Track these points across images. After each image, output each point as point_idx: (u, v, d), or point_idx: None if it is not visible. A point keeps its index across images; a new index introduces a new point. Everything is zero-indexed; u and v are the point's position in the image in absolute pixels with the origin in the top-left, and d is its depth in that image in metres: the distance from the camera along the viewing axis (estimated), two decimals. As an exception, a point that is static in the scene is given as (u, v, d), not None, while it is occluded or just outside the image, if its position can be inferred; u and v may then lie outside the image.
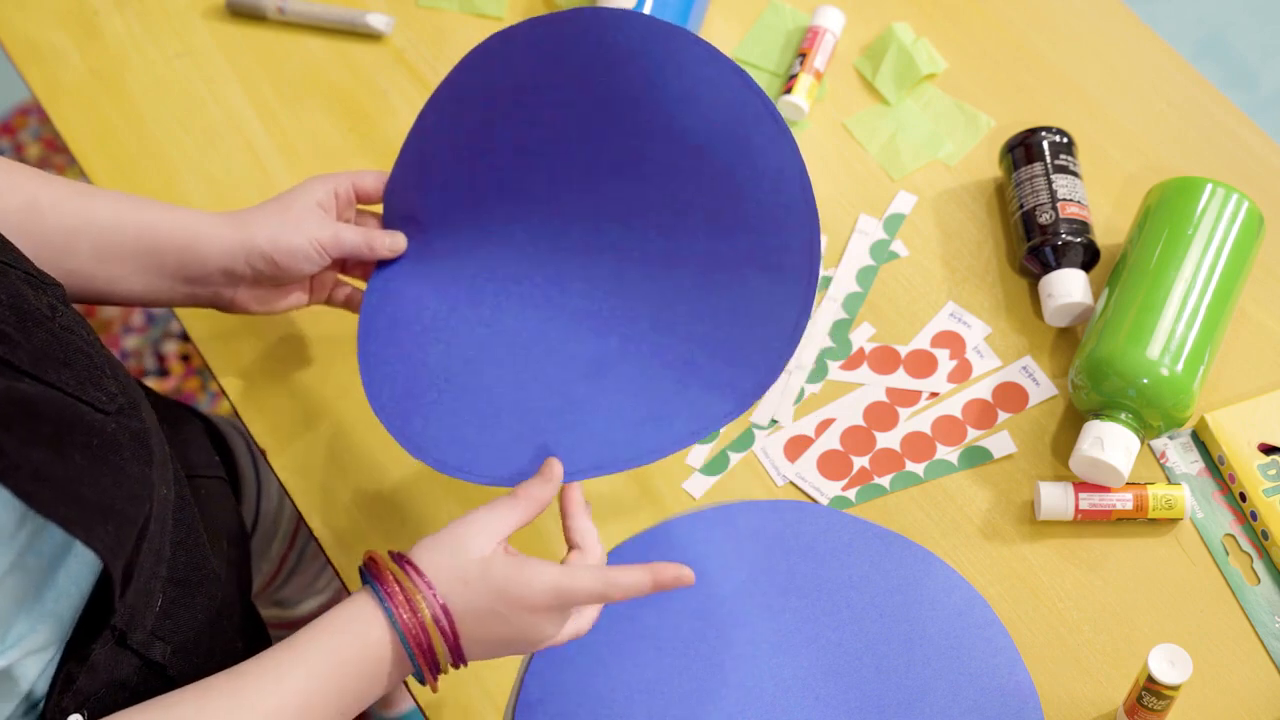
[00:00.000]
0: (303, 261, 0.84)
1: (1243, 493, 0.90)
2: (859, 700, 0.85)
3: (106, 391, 0.69)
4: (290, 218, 0.83)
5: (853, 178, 1.05)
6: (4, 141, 2.03)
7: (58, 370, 0.66)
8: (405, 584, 0.71)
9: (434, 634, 0.71)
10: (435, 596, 0.71)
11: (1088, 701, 0.85)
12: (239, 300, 0.86)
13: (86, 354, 0.70)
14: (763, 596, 0.88)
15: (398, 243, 0.87)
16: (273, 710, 0.67)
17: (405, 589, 0.71)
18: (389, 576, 0.71)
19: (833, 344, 0.98)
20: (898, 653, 0.86)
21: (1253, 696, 0.85)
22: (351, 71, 1.11)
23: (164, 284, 0.84)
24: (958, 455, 0.93)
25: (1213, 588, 0.88)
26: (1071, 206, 0.97)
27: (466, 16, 1.14)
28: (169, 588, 0.75)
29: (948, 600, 0.88)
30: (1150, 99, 1.07)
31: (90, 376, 0.68)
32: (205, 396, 1.83)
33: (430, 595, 0.71)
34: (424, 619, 0.70)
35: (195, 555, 0.79)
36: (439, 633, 0.71)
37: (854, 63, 1.10)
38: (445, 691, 0.87)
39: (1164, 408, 0.89)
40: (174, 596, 0.76)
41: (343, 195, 0.86)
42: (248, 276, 0.84)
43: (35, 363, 0.64)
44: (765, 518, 0.91)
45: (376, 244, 0.86)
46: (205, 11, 1.14)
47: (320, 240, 0.84)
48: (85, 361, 0.69)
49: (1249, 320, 0.97)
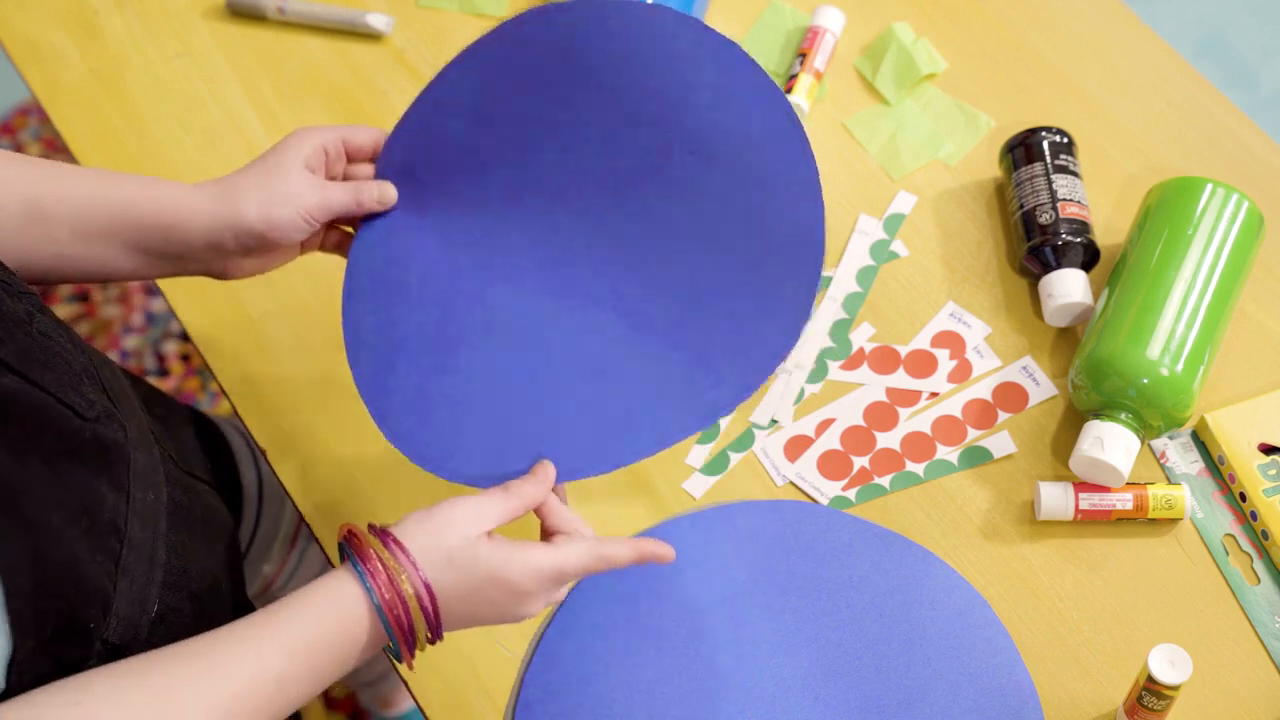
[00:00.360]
0: (291, 232, 0.80)
1: (1243, 493, 0.90)
2: (859, 700, 0.85)
3: (85, 398, 0.69)
4: (276, 185, 0.80)
5: (853, 178, 1.05)
6: (4, 141, 2.03)
7: (40, 371, 0.65)
8: (388, 561, 0.70)
9: (416, 613, 0.70)
10: (419, 574, 0.70)
11: (1088, 701, 0.85)
12: (229, 269, 0.83)
13: (65, 360, 0.69)
14: (763, 596, 0.88)
15: (386, 194, 0.82)
16: (245, 686, 0.66)
17: (388, 567, 0.70)
18: (370, 553, 0.70)
19: (833, 344, 0.98)
20: (898, 653, 0.86)
21: (1253, 696, 0.85)
22: (351, 71, 1.11)
23: (149, 261, 0.82)
24: (958, 455, 0.93)
25: (1213, 588, 0.88)
26: (1071, 206, 0.97)
27: (466, 16, 1.14)
28: (164, 592, 0.74)
29: (948, 600, 0.88)
30: (1150, 99, 1.07)
31: (70, 382, 0.68)
32: (205, 396, 1.83)
33: (415, 574, 0.70)
34: (406, 597, 0.70)
35: (191, 558, 0.79)
36: (421, 611, 0.70)
37: (854, 63, 1.10)
38: (445, 691, 0.87)
39: (1164, 408, 0.89)
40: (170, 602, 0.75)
41: (332, 151, 0.82)
42: (235, 251, 0.81)
43: (20, 360, 0.64)
44: (765, 518, 0.91)
45: (365, 198, 0.81)
46: (205, 11, 1.14)
47: (308, 209, 0.80)
48: (64, 367, 0.68)
49: (1249, 320, 0.97)
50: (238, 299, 1.00)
